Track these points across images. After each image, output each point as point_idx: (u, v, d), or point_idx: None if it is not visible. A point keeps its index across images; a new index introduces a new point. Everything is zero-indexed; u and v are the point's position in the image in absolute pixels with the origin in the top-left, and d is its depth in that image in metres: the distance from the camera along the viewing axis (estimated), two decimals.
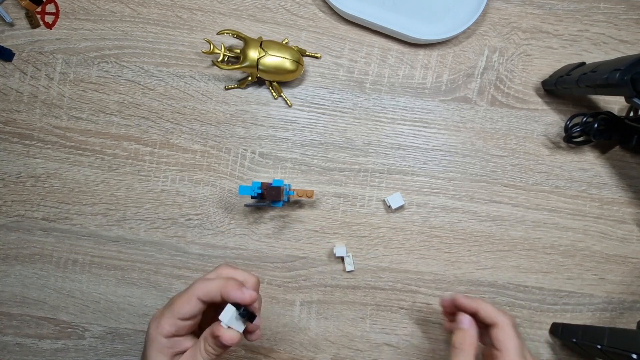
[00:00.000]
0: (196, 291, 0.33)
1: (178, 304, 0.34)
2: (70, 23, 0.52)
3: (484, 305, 0.38)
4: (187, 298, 0.33)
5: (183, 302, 0.33)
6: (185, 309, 0.33)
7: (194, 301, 0.33)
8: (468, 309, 0.38)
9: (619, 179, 0.50)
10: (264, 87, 0.51)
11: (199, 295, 0.33)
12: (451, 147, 0.51)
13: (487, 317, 0.37)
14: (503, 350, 0.35)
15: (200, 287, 0.34)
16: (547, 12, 0.51)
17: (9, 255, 0.52)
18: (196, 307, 0.33)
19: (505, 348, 0.35)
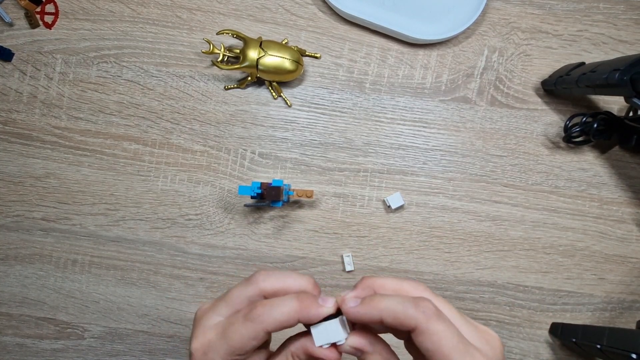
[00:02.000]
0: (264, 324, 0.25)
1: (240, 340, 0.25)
2: (69, 23, 0.52)
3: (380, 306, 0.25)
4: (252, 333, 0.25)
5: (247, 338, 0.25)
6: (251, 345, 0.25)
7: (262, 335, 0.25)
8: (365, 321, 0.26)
9: (618, 179, 0.50)
10: (263, 87, 0.51)
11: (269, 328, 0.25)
12: (451, 147, 0.51)
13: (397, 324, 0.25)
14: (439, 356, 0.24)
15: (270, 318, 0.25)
16: (547, 12, 0.51)
17: (9, 255, 0.52)
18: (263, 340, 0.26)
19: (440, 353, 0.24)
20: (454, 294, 0.50)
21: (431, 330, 0.23)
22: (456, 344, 0.23)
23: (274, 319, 0.25)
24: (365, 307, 0.25)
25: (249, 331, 0.25)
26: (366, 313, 0.25)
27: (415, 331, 0.24)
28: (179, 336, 0.51)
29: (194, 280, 0.51)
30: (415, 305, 0.24)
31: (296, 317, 0.25)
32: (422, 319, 0.23)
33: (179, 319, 0.51)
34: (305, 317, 0.25)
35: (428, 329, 0.23)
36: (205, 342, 0.26)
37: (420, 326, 0.23)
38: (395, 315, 0.24)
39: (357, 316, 0.25)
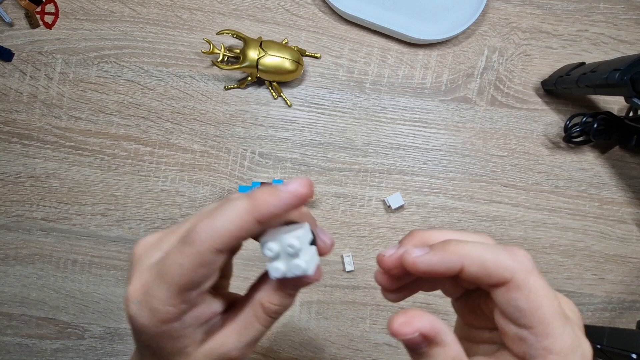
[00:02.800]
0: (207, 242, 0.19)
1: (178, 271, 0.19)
2: (69, 23, 0.52)
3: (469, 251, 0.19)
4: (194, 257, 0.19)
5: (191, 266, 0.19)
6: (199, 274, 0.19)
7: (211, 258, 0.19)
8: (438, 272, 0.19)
9: (618, 179, 0.50)
10: (263, 87, 0.51)
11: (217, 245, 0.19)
12: (451, 147, 0.51)
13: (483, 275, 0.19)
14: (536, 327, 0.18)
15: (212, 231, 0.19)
16: (547, 12, 0.51)
17: (9, 255, 0.52)
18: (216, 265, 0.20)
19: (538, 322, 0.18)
20: None
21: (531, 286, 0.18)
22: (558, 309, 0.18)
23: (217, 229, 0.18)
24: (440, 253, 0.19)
25: (189, 259, 0.19)
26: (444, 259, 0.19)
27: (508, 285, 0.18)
28: None
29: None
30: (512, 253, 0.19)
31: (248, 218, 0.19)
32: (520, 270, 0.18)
33: None
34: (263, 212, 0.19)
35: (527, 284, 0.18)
36: (140, 286, 0.20)
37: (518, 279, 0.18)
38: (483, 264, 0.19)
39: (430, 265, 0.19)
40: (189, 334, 0.21)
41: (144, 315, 0.20)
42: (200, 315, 0.21)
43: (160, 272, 0.19)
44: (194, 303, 0.20)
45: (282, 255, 0.20)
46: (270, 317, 0.22)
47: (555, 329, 0.18)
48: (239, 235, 0.19)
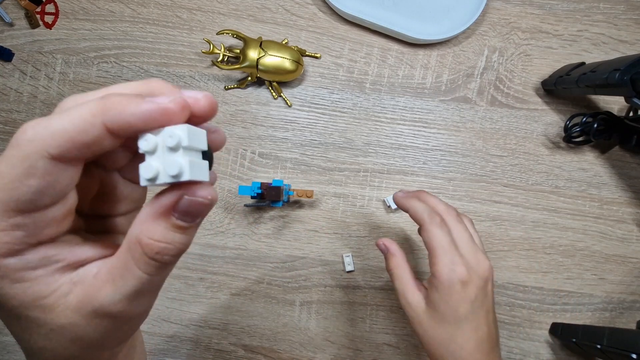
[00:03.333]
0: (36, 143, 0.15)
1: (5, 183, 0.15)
2: (69, 23, 0.52)
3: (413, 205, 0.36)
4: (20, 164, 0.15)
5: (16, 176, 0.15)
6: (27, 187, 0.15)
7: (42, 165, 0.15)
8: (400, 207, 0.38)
9: (618, 179, 0.50)
10: (263, 87, 0.51)
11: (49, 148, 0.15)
12: (451, 147, 0.51)
13: (414, 219, 0.36)
14: (430, 250, 0.34)
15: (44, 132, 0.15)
16: (547, 12, 0.51)
17: None
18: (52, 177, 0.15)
19: (430, 247, 0.34)
20: None
21: (429, 231, 0.35)
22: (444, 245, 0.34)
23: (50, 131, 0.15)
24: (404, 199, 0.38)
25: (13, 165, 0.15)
26: (402, 203, 0.38)
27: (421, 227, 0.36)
28: (179, 336, 0.51)
29: (194, 280, 0.51)
30: (429, 213, 0.35)
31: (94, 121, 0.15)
32: (427, 221, 0.35)
33: (179, 319, 0.51)
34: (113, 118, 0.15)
35: (427, 229, 0.35)
36: None
37: (424, 225, 0.35)
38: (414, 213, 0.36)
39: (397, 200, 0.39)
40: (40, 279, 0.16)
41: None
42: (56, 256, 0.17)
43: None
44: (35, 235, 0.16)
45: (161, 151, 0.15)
46: (153, 260, 0.17)
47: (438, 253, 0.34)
48: (80, 140, 0.15)
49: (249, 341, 0.50)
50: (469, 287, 0.33)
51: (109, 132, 0.15)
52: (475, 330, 0.33)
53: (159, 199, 0.17)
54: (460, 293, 0.33)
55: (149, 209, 0.17)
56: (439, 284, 0.33)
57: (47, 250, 0.17)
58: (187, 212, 0.16)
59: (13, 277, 0.16)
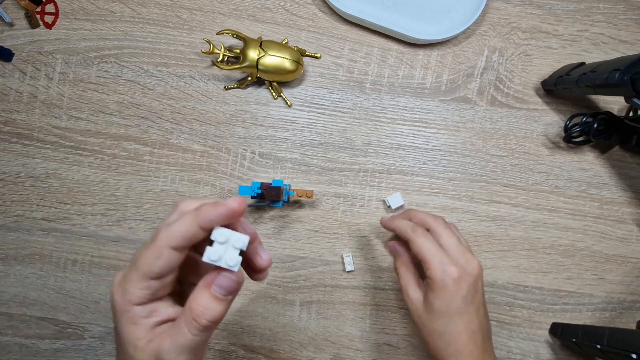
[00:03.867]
0: (165, 240, 0.25)
1: (146, 262, 0.25)
2: (69, 23, 0.52)
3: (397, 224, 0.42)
4: (156, 252, 0.25)
5: (152, 258, 0.25)
6: (157, 265, 0.25)
7: (167, 253, 0.25)
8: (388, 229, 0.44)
9: (618, 179, 0.50)
10: (263, 87, 0.51)
11: (171, 243, 0.25)
12: (451, 147, 0.51)
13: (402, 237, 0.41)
14: (421, 259, 0.38)
15: (169, 233, 0.25)
16: (547, 12, 0.51)
17: (9, 255, 0.52)
18: (170, 260, 0.25)
19: (421, 256, 0.38)
20: None
21: (415, 242, 0.39)
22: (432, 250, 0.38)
23: (172, 232, 0.25)
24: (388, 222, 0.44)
25: (153, 251, 0.25)
26: (388, 225, 0.44)
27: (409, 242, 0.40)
28: None
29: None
30: (412, 227, 0.40)
31: (195, 222, 0.25)
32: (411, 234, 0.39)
33: None
34: (205, 220, 0.25)
35: (413, 241, 0.39)
36: (122, 273, 0.27)
37: (410, 239, 0.40)
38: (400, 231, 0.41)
39: (383, 224, 0.45)
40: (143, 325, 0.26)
41: (118, 293, 0.26)
42: (156, 311, 0.26)
43: (133, 262, 0.26)
44: (155, 294, 0.26)
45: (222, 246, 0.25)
46: (198, 324, 0.24)
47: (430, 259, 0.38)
48: (187, 236, 0.25)
49: (249, 341, 0.50)
50: (461, 284, 0.37)
51: (202, 229, 0.25)
52: (467, 323, 0.37)
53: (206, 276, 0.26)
54: (452, 290, 0.37)
55: (201, 282, 0.25)
56: (433, 284, 0.37)
57: (155, 305, 0.26)
58: (221, 285, 0.25)
59: (134, 319, 0.26)
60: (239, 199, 0.25)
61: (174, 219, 0.26)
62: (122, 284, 0.26)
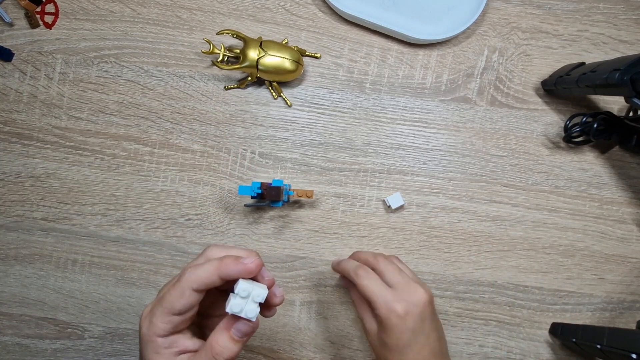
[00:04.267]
0: (188, 282, 0.29)
1: (170, 299, 0.29)
2: (69, 23, 0.52)
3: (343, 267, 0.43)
4: (179, 291, 0.29)
5: (176, 297, 0.29)
6: (180, 303, 0.29)
7: (188, 293, 0.29)
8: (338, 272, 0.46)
9: (618, 179, 0.50)
10: (263, 87, 0.51)
11: (193, 286, 0.29)
12: (451, 147, 0.51)
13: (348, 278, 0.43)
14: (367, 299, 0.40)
15: (193, 277, 0.29)
16: (547, 12, 0.51)
17: (9, 255, 0.52)
18: (191, 299, 0.29)
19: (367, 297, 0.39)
20: (454, 294, 0.50)
21: (359, 285, 0.40)
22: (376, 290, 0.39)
23: (196, 276, 0.29)
24: (336, 266, 0.45)
25: (177, 291, 0.29)
26: (335, 268, 0.46)
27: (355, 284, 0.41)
28: None
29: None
30: (354, 270, 0.41)
31: (216, 273, 0.29)
32: (354, 277, 0.41)
33: None
34: (224, 273, 0.29)
35: (357, 283, 0.40)
36: (150, 306, 0.31)
37: (354, 281, 0.41)
38: (346, 273, 0.43)
39: (333, 268, 0.47)
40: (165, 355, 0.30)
41: (145, 324, 0.30)
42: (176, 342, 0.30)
43: (160, 299, 0.30)
44: (177, 328, 0.30)
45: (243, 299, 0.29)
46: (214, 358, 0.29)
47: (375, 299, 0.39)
48: (207, 282, 0.29)
49: (249, 341, 0.50)
50: (407, 319, 0.38)
51: (220, 279, 0.29)
52: (419, 352, 0.38)
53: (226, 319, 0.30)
54: (400, 326, 0.38)
55: (221, 324, 0.30)
56: (381, 322, 0.39)
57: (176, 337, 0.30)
58: (240, 330, 0.29)
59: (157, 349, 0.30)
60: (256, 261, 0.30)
61: (200, 262, 0.31)
62: (149, 316, 0.30)
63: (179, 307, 0.29)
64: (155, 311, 0.30)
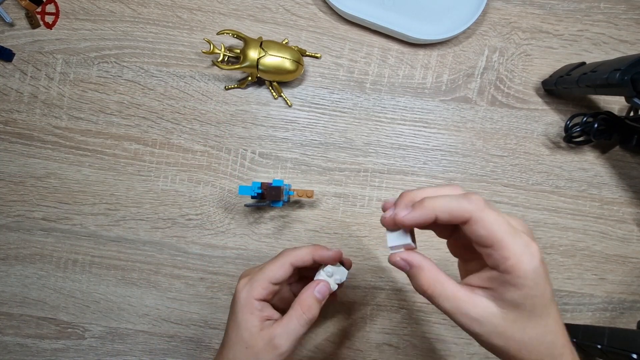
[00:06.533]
0: (289, 258, 0.36)
1: (272, 269, 0.36)
2: (70, 23, 0.52)
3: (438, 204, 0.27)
4: (280, 264, 0.36)
5: (277, 267, 0.36)
6: (279, 273, 0.36)
7: (287, 266, 0.36)
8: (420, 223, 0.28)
9: (619, 179, 0.50)
10: (264, 87, 0.51)
11: (292, 261, 0.36)
12: (451, 147, 0.51)
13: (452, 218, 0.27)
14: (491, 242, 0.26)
15: (292, 254, 0.37)
16: (547, 12, 0.51)
17: (9, 255, 0.52)
18: (288, 272, 0.36)
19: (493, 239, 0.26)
20: None
21: (484, 218, 0.26)
22: (507, 228, 0.26)
23: (294, 255, 0.37)
24: (419, 210, 0.28)
25: (277, 264, 0.36)
26: (422, 215, 0.28)
27: (469, 221, 0.26)
28: (179, 336, 0.51)
29: (194, 280, 0.51)
30: (468, 199, 0.27)
31: (310, 254, 0.37)
32: (475, 209, 0.26)
33: (180, 319, 0.51)
34: (317, 256, 0.37)
35: (482, 218, 0.26)
36: (248, 272, 0.38)
37: (474, 215, 0.26)
38: (450, 211, 0.27)
39: (413, 220, 0.28)
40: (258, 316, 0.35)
41: (246, 290, 0.36)
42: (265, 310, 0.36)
43: (261, 269, 0.37)
44: (269, 296, 0.36)
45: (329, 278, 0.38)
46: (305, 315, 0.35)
47: (507, 242, 0.25)
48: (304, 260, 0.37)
49: None
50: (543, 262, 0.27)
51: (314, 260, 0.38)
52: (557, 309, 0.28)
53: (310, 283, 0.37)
54: (545, 275, 0.26)
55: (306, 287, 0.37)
56: (518, 278, 0.25)
57: (265, 304, 0.36)
58: (319, 290, 0.36)
59: (252, 310, 0.35)
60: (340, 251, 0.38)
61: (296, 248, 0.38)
62: (250, 283, 0.36)
63: (278, 276, 0.36)
64: (256, 278, 0.36)
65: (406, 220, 0.28)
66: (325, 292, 0.36)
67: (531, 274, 0.25)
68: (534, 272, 0.26)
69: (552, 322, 0.28)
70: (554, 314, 0.28)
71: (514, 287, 0.26)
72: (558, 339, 0.28)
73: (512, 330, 0.27)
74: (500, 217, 0.26)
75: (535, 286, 0.26)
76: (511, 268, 0.25)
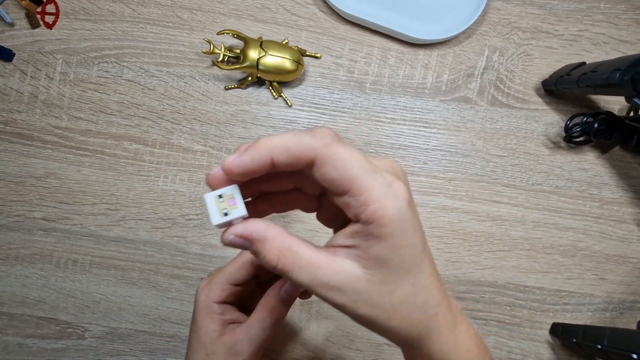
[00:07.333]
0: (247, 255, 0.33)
1: (230, 270, 0.33)
2: (70, 23, 0.52)
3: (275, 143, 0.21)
4: (240, 263, 0.33)
5: (236, 268, 0.33)
6: (239, 273, 0.33)
7: (248, 266, 0.33)
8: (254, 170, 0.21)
9: (619, 179, 0.50)
10: (264, 87, 0.51)
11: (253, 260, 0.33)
12: (451, 147, 0.51)
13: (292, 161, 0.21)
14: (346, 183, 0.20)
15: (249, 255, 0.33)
16: (547, 12, 0.51)
17: (9, 255, 0.52)
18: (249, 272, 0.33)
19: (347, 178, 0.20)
20: (455, 294, 0.50)
21: (334, 156, 0.20)
22: (364, 165, 0.20)
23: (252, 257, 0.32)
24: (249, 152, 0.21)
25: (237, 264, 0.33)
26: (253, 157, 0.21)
27: (315, 163, 0.20)
28: (179, 336, 0.51)
29: (194, 280, 0.51)
30: (312, 133, 0.21)
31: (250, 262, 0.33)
32: (321, 145, 0.20)
33: (180, 319, 0.51)
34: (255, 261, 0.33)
35: (330, 155, 0.20)
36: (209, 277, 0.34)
37: (320, 153, 0.20)
38: (287, 149, 0.20)
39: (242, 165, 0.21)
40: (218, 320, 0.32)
41: (205, 293, 0.33)
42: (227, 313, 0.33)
43: (222, 269, 0.34)
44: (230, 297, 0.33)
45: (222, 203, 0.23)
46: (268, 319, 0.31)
47: (365, 184, 0.20)
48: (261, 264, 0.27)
49: None
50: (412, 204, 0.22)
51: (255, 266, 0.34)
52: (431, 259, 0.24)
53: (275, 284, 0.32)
54: (412, 220, 0.21)
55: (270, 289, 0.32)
56: (382, 227, 0.20)
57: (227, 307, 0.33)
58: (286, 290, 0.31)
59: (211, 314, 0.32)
60: None
61: None
62: (209, 285, 0.33)
63: (237, 277, 0.33)
64: (214, 280, 0.33)
65: (234, 167, 0.21)
66: (293, 292, 0.31)
67: (396, 220, 0.20)
68: (399, 218, 0.20)
69: (424, 277, 0.23)
70: (427, 267, 0.23)
71: (377, 238, 0.20)
72: (431, 296, 0.23)
73: (380, 294, 0.22)
74: (355, 152, 0.21)
75: (403, 234, 0.21)
76: (372, 215, 0.20)
